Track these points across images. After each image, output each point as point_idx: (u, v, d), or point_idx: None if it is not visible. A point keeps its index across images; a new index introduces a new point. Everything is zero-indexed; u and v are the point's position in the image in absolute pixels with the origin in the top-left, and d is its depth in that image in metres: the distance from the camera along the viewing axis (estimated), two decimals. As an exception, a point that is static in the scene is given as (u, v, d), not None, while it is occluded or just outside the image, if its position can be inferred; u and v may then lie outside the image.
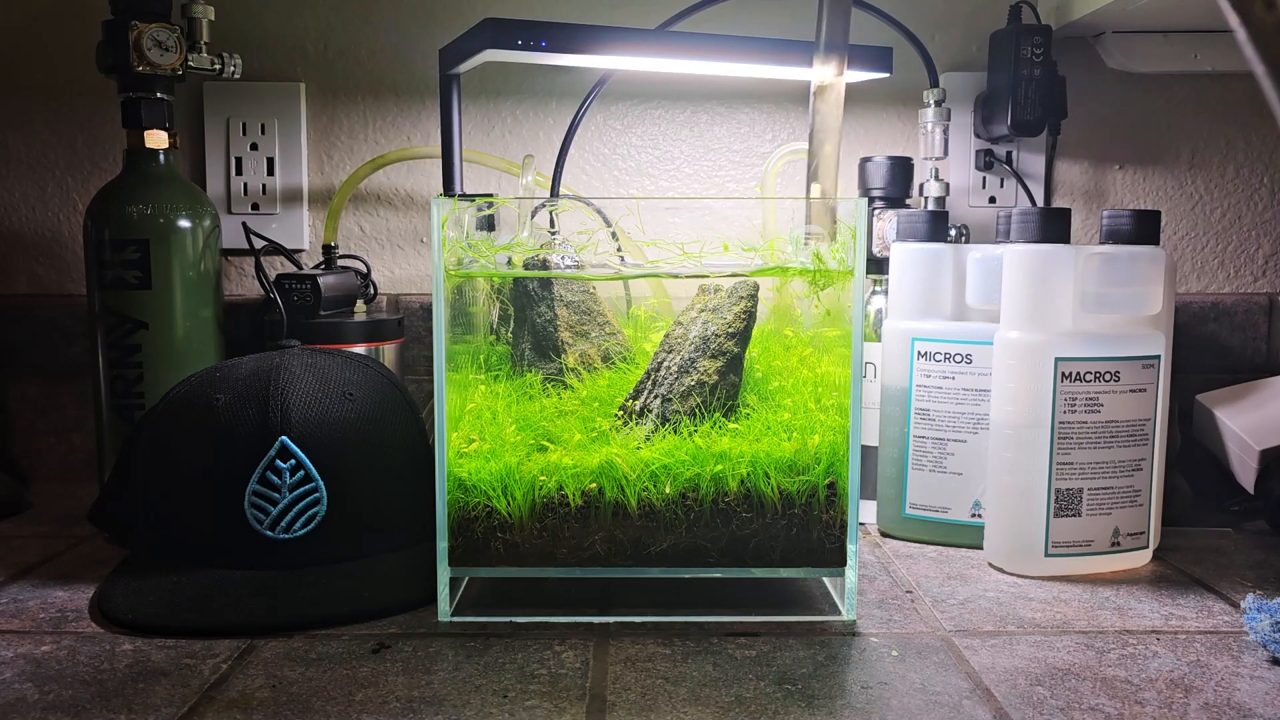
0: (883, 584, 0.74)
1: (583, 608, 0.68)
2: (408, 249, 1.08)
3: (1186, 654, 0.62)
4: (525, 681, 0.57)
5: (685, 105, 1.07)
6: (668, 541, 0.66)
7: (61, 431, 1.06)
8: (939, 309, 0.84)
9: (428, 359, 1.06)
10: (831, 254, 0.69)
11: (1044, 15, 1.03)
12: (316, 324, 0.92)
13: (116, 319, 0.88)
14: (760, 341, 0.72)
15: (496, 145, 1.07)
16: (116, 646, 0.62)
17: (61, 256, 1.07)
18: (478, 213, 0.73)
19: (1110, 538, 0.76)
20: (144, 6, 0.88)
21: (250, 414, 0.71)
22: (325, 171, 1.07)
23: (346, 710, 0.54)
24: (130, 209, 0.88)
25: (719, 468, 0.65)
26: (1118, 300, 0.75)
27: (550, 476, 0.65)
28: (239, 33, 1.04)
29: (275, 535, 0.69)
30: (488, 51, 0.79)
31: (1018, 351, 0.75)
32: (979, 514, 0.82)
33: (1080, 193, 1.09)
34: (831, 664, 0.60)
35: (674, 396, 0.69)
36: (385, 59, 1.06)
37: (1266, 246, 1.10)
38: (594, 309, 0.77)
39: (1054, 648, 0.63)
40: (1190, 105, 1.08)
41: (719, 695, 0.56)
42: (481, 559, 0.66)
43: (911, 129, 1.07)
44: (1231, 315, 1.09)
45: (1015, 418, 0.75)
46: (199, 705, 0.54)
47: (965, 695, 0.56)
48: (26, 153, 1.06)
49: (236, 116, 1.05)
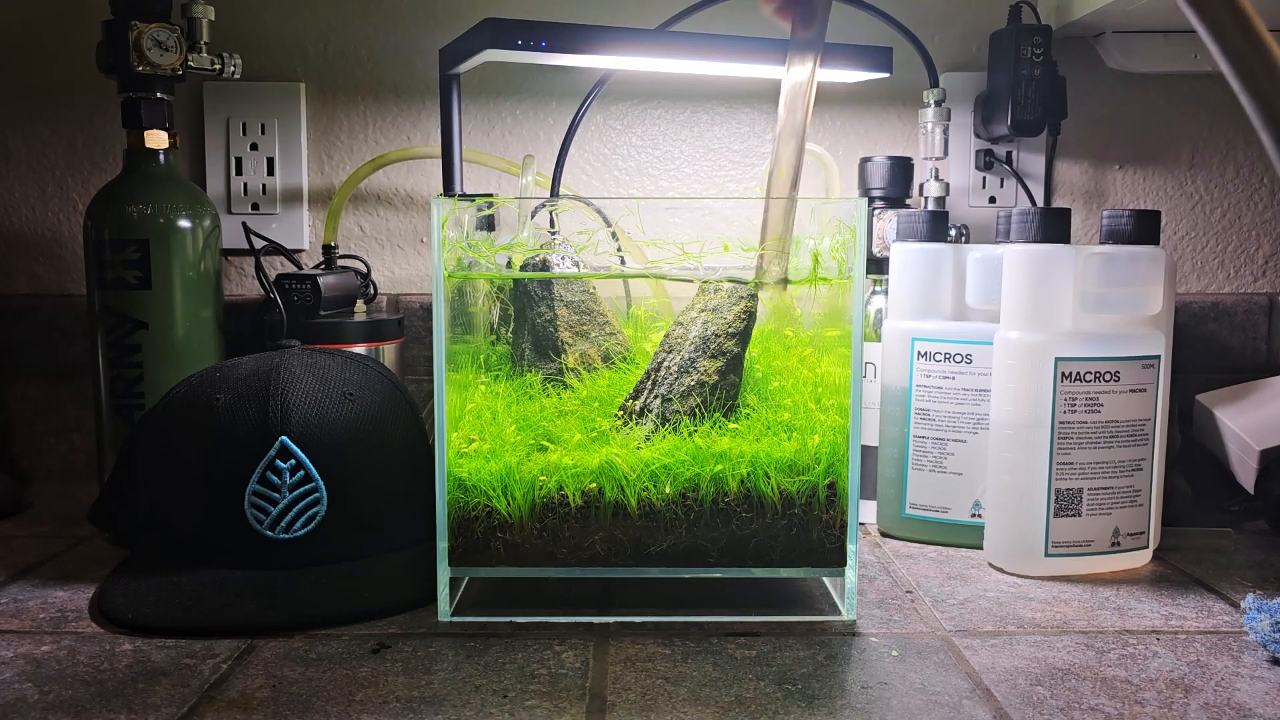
0: (883, 584, 0.74)
1: (583, 608, 0.68)
2: (408, 249, 1.08)
3: (1186, 654, 0.62)
4: (525, 681, 0.57)
5: (685, 105, 1.07)
6: (668, 541, 0.66)
7: (61, 431, 1.06)
8: (939, 309, 0.84)
9: (428, 359, 1.06)
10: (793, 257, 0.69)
11: (1044, 15, 1.03)
12: (316, 324, 0.92)
13: (116, 319, 0.88)
14: (760, 341, 0.72)
15: (496, 145, 1.07)
16: (116, 646, 0.62)
17: (61, 256, 1.07)
18: (478, 213, 0.73)
19: (1110, 538, 0.76)
20: (144, 6, 0.88)
21: (250, 414, 0.71)
22: (325, 171, 1.07)
23: (346, 710, 0.54)
24: (130, 209, 0.88)
25: (719, 468, 0.65)
26: (1118, 300, 0.75)
27: (550, 476, 0.65)
28: (239, 33, 1.04)
29: (275, 535, 0.69)
30: (488, 51, 0.79)
31: (1018, 351, 0.75)
32: (979, 514, 0.82)
33: (1080, 193, 1.09)
34: (831, 664, 0.60)
35: (674, 396, 0.69)
36: (385, 59, 1.06)
37: (1266, 246, 1.10)
38: (594, 309, 0.76)
39: (1054, 648, 0.63)
40: (1190, 105, 1.08)
41: (719, 695, 0.56)
42: (481, 559, 0.66)
43: (911, 129, 1.07)
44: (1231, 315, 1.09)
45: (1015, 418, 0.75)
46: (199, 705, 0.54)
47: (965, 695, 0.56)
48: (26, 153, 1.06)
49: (236, 116, 1.05)
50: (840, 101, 1.07)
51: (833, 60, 0.85)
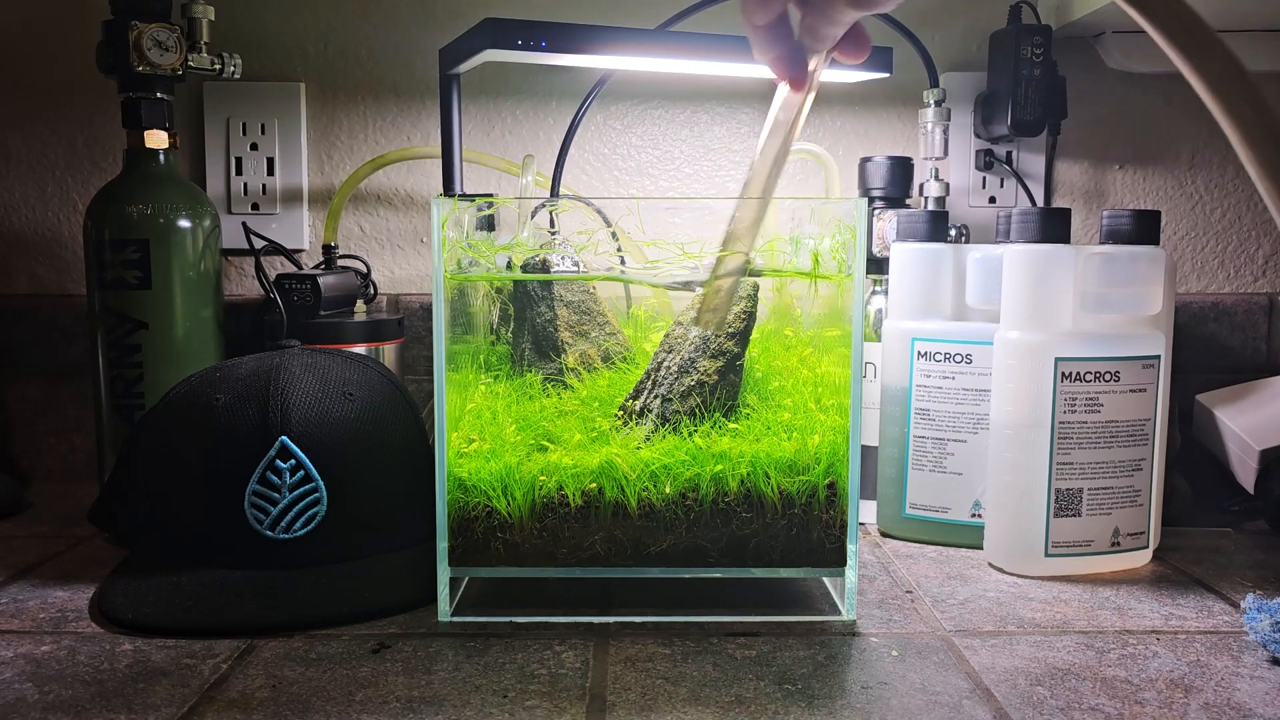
0: (883, 584, 0.74)
1: (583, 608, 0.68)
2: (408, 249, 1.08)
3: (1186, 654, 0.62)
4: (525, 681, 0.57)
5: (685, 105, 1.07)
6: (668, 541, 0.66)
7: (61, 431, 1.06)
8: (939, 309, 0.84)
9: (428, 359, 1.06)
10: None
11: (1044, 15, 1.03)
12: (316, 324, 0.92)
13: (116, 319, 0.88)
14: (760, 341, 0.72)
15: (496, 145, 1.07)
16: (116, 646, 0.62)
17: (61, 256, 1.07)
18: (478, 213, 0.73)
19: (1110, 538, 0.76)
20: (144, 6, 0.87)
21: (250, 414, 0.71)
22: (325, 171, 1.07)
23: (346, 710, 0.54)
24: (130, 209, 0.88)
25: (719, 468, 0.65)
26: (1118, 300, 0.75)
27: (550, 476, 0.65)
28: (239, 33, 1.04)
29: (275, 535, 0.69)
30: (488, 51, 0.79)
31: (1018, 351, 0.75)
32: (979, 514, 0.82)
33: (1080, 193, 1.09)
34: (831, 664, 0.60)
35: (674, 396, 0.69)
36: (385, 59, 1.06)
37: (1266, 246, 1.10)
38: (594, 309, 0.76)
39: (1054, 648, 0.63)
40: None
41: (719, 695, 0.56)
42: (481, 559, 0.66)
43: (911, 129, 1.07)
44: (1231, 315, 1.09)
45: (1015, 418, 0.75)
46: (199, 705, 0.54)
47: (965, 695, 0.56)
48: (26, 153, 1.06)
49: (236, 116, 1.05)
50: (840, 101, 1.07)
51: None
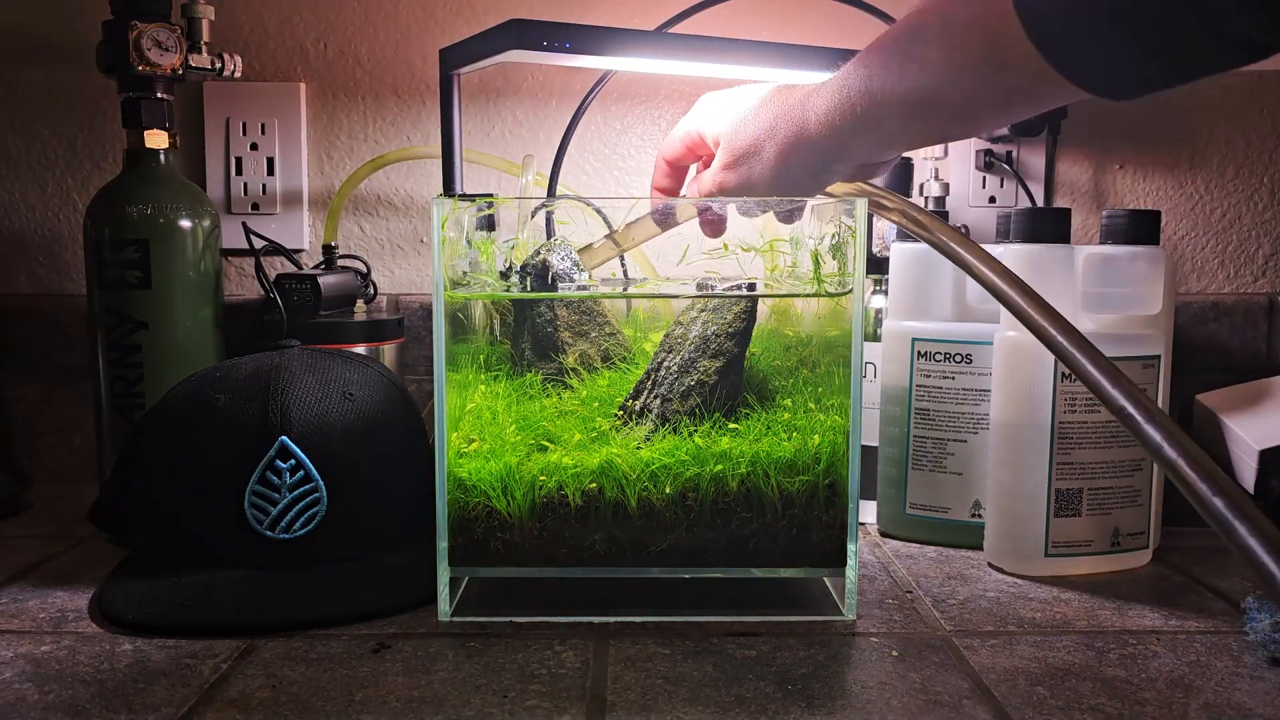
0: (883, 584, 0.74)
1: (583, 608, 0.67)
2: (408, 249, 1.08)
3: (1186, 654, 0.62)
4: (525, 681, 0.57)
5: (685, 105, 1.06)
6: (668, 541, 0.66)
7: (61, 431, 1.06)
8: (939, 309, 0.84)
9: (428, 359, 1.06)
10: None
11: (1044, 15, 1.03)
12: (316, 324, 0.92)
13: (116, 319, 0.88)
14: (760, 341, 0.72)
15: (496, 145, 1.07)
16: (116, 646, 0.62)
17: (61, 256, 1.07)
18: (478, 213, 0.73)
19: (1110, 538, 0.76)
20: (144, 6, 0.87)
21: (250, 414, 0.71)
22: (325, 172, 1.07)
23: (346, 710, 0.54)
24: (130, 209, 0.88)
25: (719, 468, 0.65)
26: (1117, 300, 0.75)
27: (550, 476, 0.65)
28: (239, 33, 1.04)
29: (275, 535, 0.69)
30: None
31: (1018, 351, 0.75)
32: (979, 514, 0.82)
33: (1080, 193, 1.09)
34: (831, 664, 0.60)
35: (674, 396, 0.69)
36: (385, 59, 1.06)
37: (1266, 246, 1.10)
38: (594, 309, 0.76)
39: (1054, 648, 0.63)
40: (1190, 105, 1.08)
41: (719, 695, 0.56)
42: (481, 559, 0.66)
43: (911, 129, 1.07)
44: (1231, 315, 1.09)
45: (1015, 418, 0.75)
46: (199, 705, 0.54)
47: (965, 695, 0.56)
48: (26, 153, 1.06)
49: (236, 116, 1.05)
50: (840, 101, 1.07)
51: (833, 62, 0.85)
